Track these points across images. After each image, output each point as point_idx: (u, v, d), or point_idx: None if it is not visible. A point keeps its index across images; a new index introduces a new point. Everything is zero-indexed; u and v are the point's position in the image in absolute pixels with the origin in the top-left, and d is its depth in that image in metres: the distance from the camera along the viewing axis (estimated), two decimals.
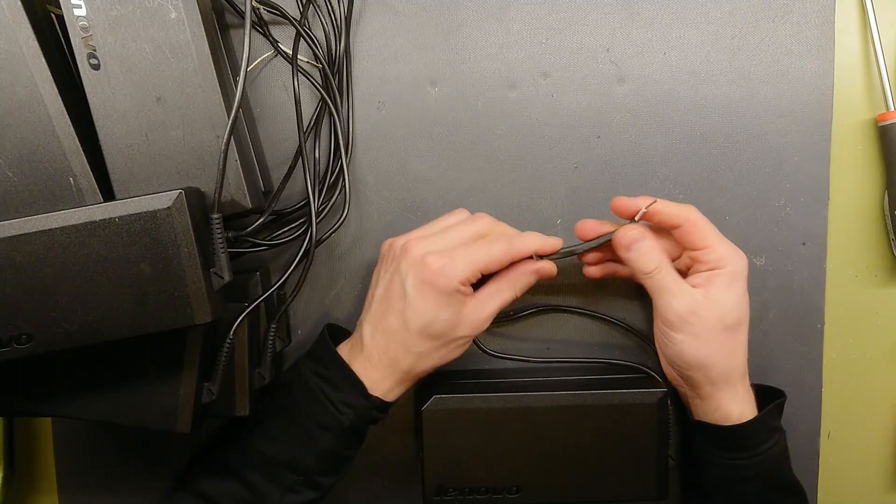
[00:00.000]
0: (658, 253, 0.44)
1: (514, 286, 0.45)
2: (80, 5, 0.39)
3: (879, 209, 0.52)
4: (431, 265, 0.42)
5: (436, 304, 0.42)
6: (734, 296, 0.44)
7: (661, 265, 0.44)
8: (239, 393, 0.46)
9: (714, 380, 0.45)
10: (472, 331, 0.44)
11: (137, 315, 0.37)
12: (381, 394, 0.45)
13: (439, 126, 0.52)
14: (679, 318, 0.44)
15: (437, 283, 0.42)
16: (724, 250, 0.44)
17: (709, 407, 0.46)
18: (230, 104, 0.41)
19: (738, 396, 0.46)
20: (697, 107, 0.51)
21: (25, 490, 0.56)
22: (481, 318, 0.44)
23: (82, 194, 0.40)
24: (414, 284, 0.43)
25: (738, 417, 0.45)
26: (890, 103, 0.50)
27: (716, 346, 0.44)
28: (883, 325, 0.54)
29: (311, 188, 0.48)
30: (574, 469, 0.48)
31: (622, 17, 0.51)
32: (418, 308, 0.43)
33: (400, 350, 0.44)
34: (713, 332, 0.44)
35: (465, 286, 0.43)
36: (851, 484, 0.55)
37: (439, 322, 0.43)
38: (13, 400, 0.42)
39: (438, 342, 0.44)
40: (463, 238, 0.44)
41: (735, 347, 0.45)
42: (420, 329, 0.43)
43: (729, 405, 0.46)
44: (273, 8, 0.50)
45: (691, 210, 0.45)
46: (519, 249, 0.44)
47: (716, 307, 0.44)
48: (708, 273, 0.44)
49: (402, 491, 0.55)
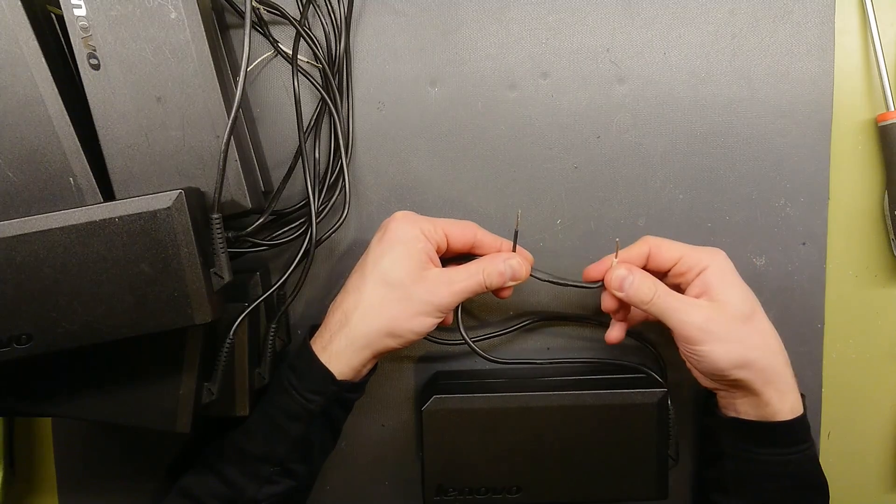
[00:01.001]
0: (650, 280, 0.44)
1: (481, 273, 0.44)
2: (80, 5, 0.39)
3: (879, 209, 0.52)
4: (395, 216, 0.45)
5: (395, 246, 0.43)
6: (734, 287, 0.44)
7: (657, 289, 0.44)
8: (239, 393, 0.46)
9: (761, 374, 0.44)
10: (429, 297, 0.43)
11: (137, 315, 0.37)
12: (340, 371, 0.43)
13: (439, 126, 0.52)
14: (698, 329, 0.43)
15: (398, 227, 0.44)
16: (695, 253, 0.45)
17: (759, 402, 0.45)
18: (230, 104, 0.41)
19: (789, 387, 0.45)
20: (697, 107, 0.51)
21: (25, 490, 0.56)
22: (441, 292, 0.43)
23: (82, 194, 0.40)
24: (378, 236, 0.45)
25: (789, 412, 0.45)
26: (890, 103, 0.50)
27: (746, 342, 0.44)
28: (883, 325, 0.54)
29: (311, 188, 0.48)
30: (574, 469, 0.48)
31: (622, 17, 0.51)
32: (377, 252, 0.44)
33: (352, 299, 0.44)
34: (736, 330, 0.43)
35: (429, 238, 0.44)
36: (851, 484, 0.55)
37: (396, 268, 0.43)
38: (13, 400, 0.42)
39: (391, 294, 0.43)
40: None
41: (763, 334, 0.44)
42: (376, 273, 0.43)
43: (780, 400, 0.45)
44: (273, 8, 0.50)
45: (647, 238, 0.46)
46: (490, 239, 0.46)
47: (726, 305, 0.43)
48: (697, 280, 0.44)
49: (402, 491, 0.55)
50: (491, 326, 0.53)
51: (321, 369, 0.44)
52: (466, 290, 0.44)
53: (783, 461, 0.45)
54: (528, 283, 0.47)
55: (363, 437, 0.54)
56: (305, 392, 0.44)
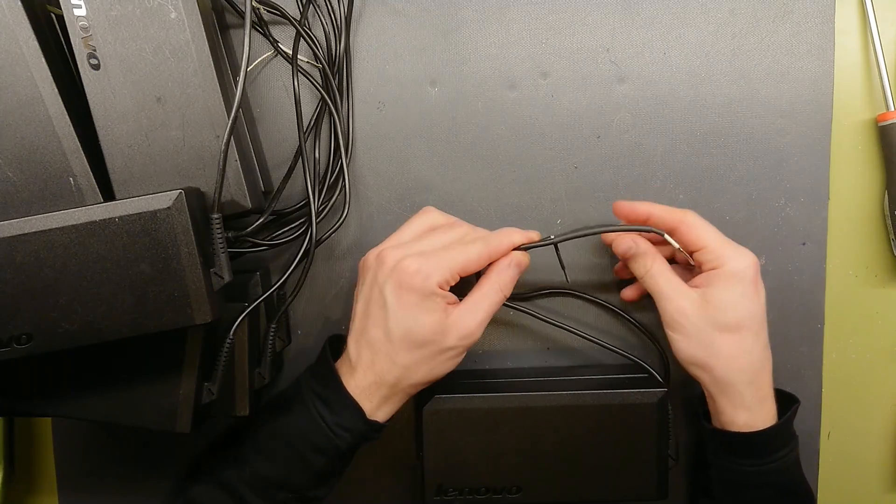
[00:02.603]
0: (649, 258, 0.45)
1: (496, 285, 0.44)
2: (80, 5, 0.39)
3: (879, 209, 0.52)
4: (407, 268, 0.41)
5: (416, 308, 0.41)
6: (731, 296, 0.43)
7: (651, 269, 0.45)
8: (239, 393, 0.46)
9: (717, 382, 0.45)
10: (461, 340, 0.42)
11: (137, 315, 0.37)
12: (370, 411, 0.43)
13: (439, 126, 0.52)
14: (671, 318, 0.45)
15: (414, 284, 0.41)
16: (722, 250, 0.44)
17: (713, 410, 0.46)
18: (230, 104, 0.41)
19: (744, 404, 0.44)
20: (697, 107, 0.51)
21: (25, 490, 0.56)
22: (470, 327, 0.42)
23: (82, 194, 0.40)
24: (392, 291, 0.41)
25: (742, 425, 0.45)
26: (890, 103, 0.50)
27: (710, 348, 0.44)
28: (883, 325, 0.54)
29: (311, 188, 0.48)
30: (574, 469, 0.48)
31: (622, 17, 0.51)
32: (398, 314, 0.41)
33: (385, 363, 0.42)
34: (706, 333, 0.44)
35: (444, 289, 0.42)
36: (851, 484, 0.55)
37: (422, 328, 0.41)
38: (13, 400, 0.42)
39: (424, 352, 0.42)
40: (442, 242, 0.44)
41: (738, 352, 0.44)
42: (402, 337, 0.42)
43: (732, 412, 0.45)
44: (273, 8, 0.50)
45: (687, 213, 0.45)
46: (496, 246, 0.43)
47: (707, 306, 0.44)
48: (707, 273, 0.44)
49: (403, 491, 0.55)
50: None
51: (354, 407, 0.43)
52: (491, 313, 0.44)
53: (758, 471, 0.45)
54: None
55: None
56: (335, 427, 0.43)
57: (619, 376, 0.51)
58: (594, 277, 0.53)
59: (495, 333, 0.54)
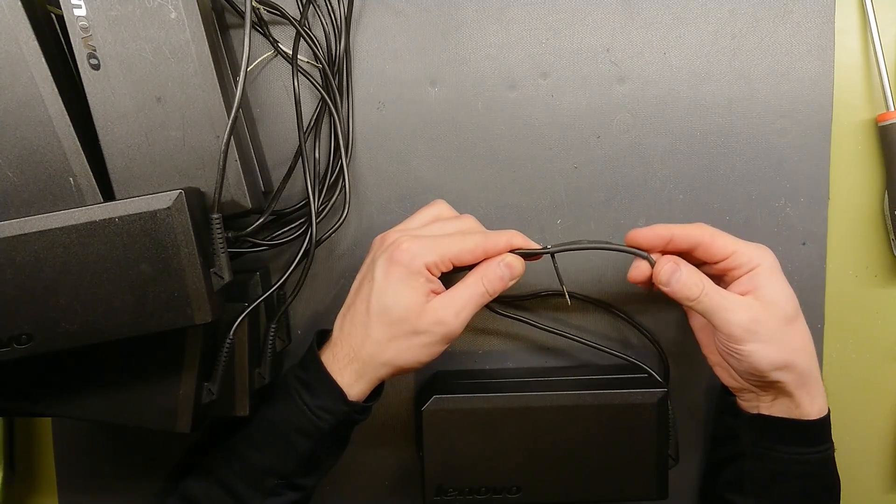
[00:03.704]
0: (698, 277, 0.43)
1: (481, 280, 0.43)
2: (80, 5, 0.39)
3: (879, 209, 0.52)
4: (401, 245, 0.42)
5: (399, 283, 0.42)
6: (782, 288, 0.44)
7: (705, 287, 0.43)
8: (239, 393, 0.46)
9: (801, 376, 0.44)
10: (434, 326, 0.42)
11: (137, 315, 0.37)
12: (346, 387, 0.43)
13: (439, 126, 0.52)
14: (744, 329, 0.42)
15: (402, 260, 0.42)
16: (749, 250, 0.43)
17: (791, 403, 0.45)
18: (230, 104, 0.41)
19: (820, 391, 0.45)
20: (697, 107, 0.51)
21: (25, 490, 0.56)
22: (446, 315, 0.42)
23: (82, 194, 0.40)
24: (382, 265, 0.43)
25: (817, 412, 0.45)
26: (890, 103, 0.50)
27: (788, 344, 0.43)
28: (883, 325, 0.54)
29: (311, 188, 0.48)
30: (574, 469, 0.48)
31: (622, 17, 0.51)
32: (381, 287, 0.42)
33: (360, 334, 0.43)
34: (780, 331, 0.43)
35: (433, 273, 0.42)
36: (851, 484, 0.55)
37: (398, 304, 0.42)
38: (13, 400, 0.42)
39: (396, 330, 0.42)
40: (444, 231, 0.44)
41: (804, 339, 0.44)
42: (380, 311, 0.42)
43: (810, 402, 0.45)
44: (273, 8, 0.50)
45: (702, 227, 0.44)
46: (493, 243, 0.43)
47: (773, 306, 0.43)
48: (746, 277, 0.43)
49: (403, 491, 0.55)
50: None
51: (334, 388, 0.43)
52: (471, 307, 0.43)
53: (805, 460, 0.45)
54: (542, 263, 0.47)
55: (363, 437, 0.54)
56: (317, 409, 0.43)
57: (619, 376, 0.51)
58: (593, 278, 0.53)
59: (495, 334, 0.54)
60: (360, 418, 0.45)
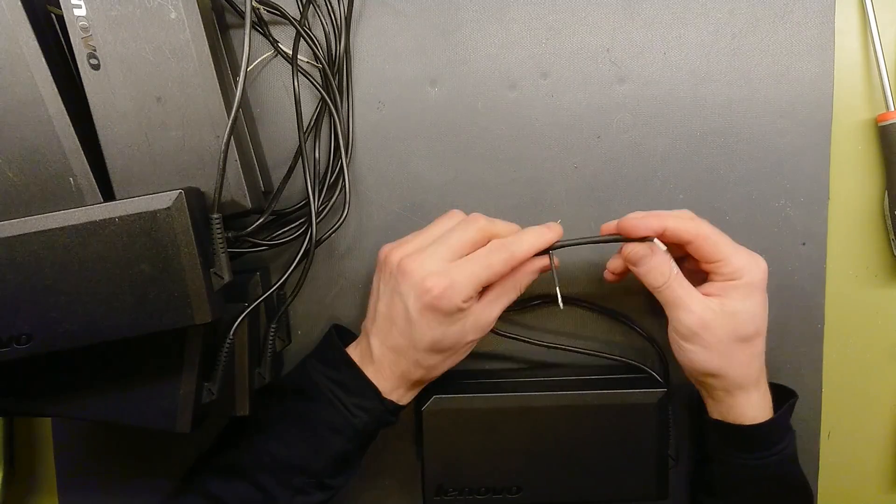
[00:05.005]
0: (667, 267, 0.43)
1: (517, 286, 0.45)
2: (80, 5, 0.39)
3: (879, 209, 0.52)
4: (432, 289, 0.41)
5: (442, 324, 0.43)
6: (751, 307, 0.43)
7: (669, 280, 0.43)
8: (239, 393, 0.46)
9: (727, 387, 0.45)
10: (480, 333, 0.45)
11: (137, 315, 0.37)
12: (395, 399, 0.46)
13: (439, 126, 0.52)
14: (690, 331, 0.43)
15: (440, 307, 0.42)
16: (739, 261, 0.43)
17: (722, 408, 0.46)
18: (230, 104, 0.41)
19: (751, 402, 0.45)
20: (697, 107, 0.51)
21: (25, 490, 0.56)
22: (488, 321, 0.45)
23: (82, 194, 0.40)
24: (416, 308, 0.42)
25: (751, 419, 0.45)
26: (890, 103, 0.50)
27: (729, 358, 0.43)
28: (883, 325, 0.54)
29: (311, 188, 0.48)
30: (574, 469, 0.48)
31: (622, 17, 0.51)
32: (424, 330, 0.43)
33: (410, 365, 0.45)
34: (725, 344, 0.43)
35: (468, 302, 0.43)
36: (851, 484, 0.55)
37: (447, 339, 0.44)
38: (13, 400, 0.42)
39: (448, 353, 0.45)
40: (461, 248, 0.43)
41: (750, 358, 0.44)
42: (428, 347, 0.44)
43: (742, 408, 0.45)
44: (273, 8, 0.50)
45: (702, 224, 0.44)
46: (520, 257, 0.43)
47: (730, 319, 0.43)
48: (724, 283, 0.43)
49: (404, 491, 0.55)
50: None
51: (369, 386, 0.44)
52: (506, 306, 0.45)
53: (762, 464, 0.46)
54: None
55: None
56: (352, 407, 0.44)
57: (619, 376, 0.51)
58: (592, 279, 0.53)
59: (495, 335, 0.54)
60: (392, 419, 0.46)
